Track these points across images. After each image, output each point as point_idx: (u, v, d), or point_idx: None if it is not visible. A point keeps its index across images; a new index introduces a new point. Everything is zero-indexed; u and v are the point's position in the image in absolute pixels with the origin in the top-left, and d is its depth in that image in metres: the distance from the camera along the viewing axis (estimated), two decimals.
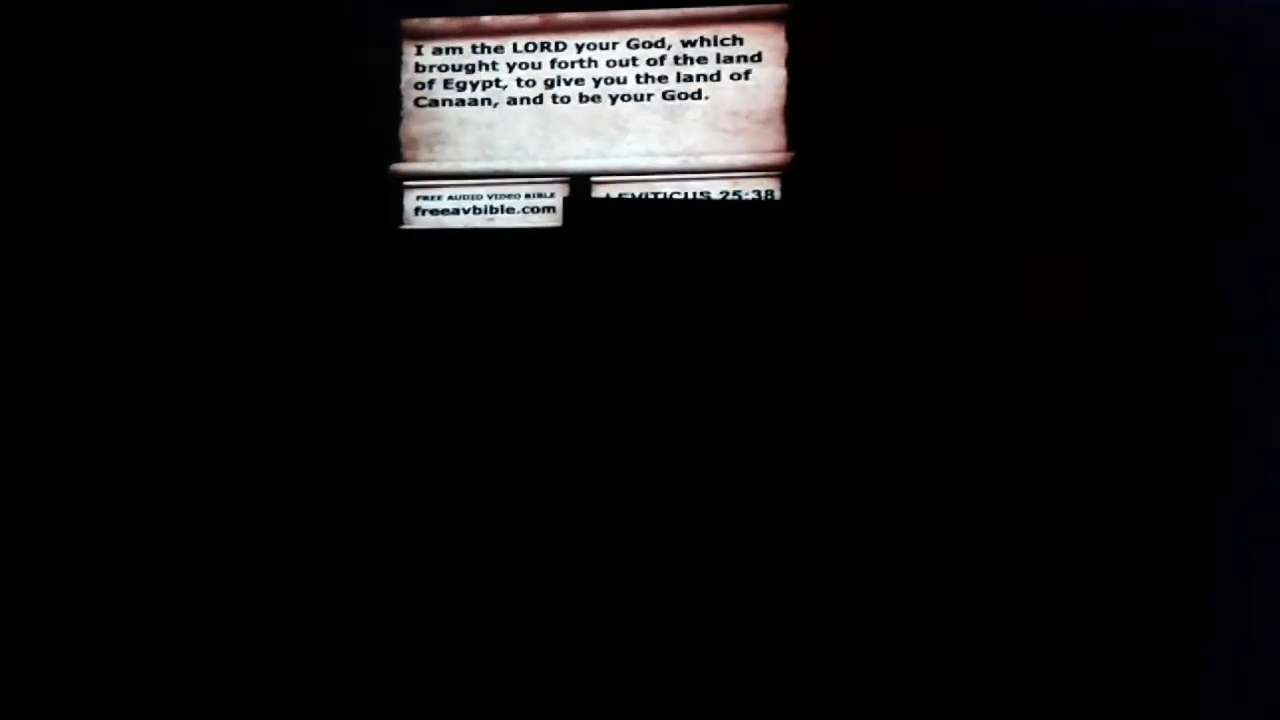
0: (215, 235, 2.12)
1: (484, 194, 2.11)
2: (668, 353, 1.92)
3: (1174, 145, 1.92)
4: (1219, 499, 1.86)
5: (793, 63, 2.02)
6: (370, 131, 2.13)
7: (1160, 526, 1.86)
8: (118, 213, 2.13)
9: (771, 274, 1.91)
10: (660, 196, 2.05)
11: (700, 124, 2.06)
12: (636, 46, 2.08)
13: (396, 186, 2.13)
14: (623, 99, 2.09)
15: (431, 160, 2.13)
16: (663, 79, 2.07)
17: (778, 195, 2.01)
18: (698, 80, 2.06)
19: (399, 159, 2.14)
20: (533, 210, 2.09)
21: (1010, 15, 1.96)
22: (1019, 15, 1.96)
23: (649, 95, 2.08)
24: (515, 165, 2.11)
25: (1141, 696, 1.84)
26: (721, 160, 2.04)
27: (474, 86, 2.13)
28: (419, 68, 2.14)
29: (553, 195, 2.09)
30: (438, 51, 2.13)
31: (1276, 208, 1.89)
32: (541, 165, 2.10)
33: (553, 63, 2.11)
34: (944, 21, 1.97)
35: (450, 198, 2.12)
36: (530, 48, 2.11)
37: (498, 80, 2.12)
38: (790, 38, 2.03)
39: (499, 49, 2.12)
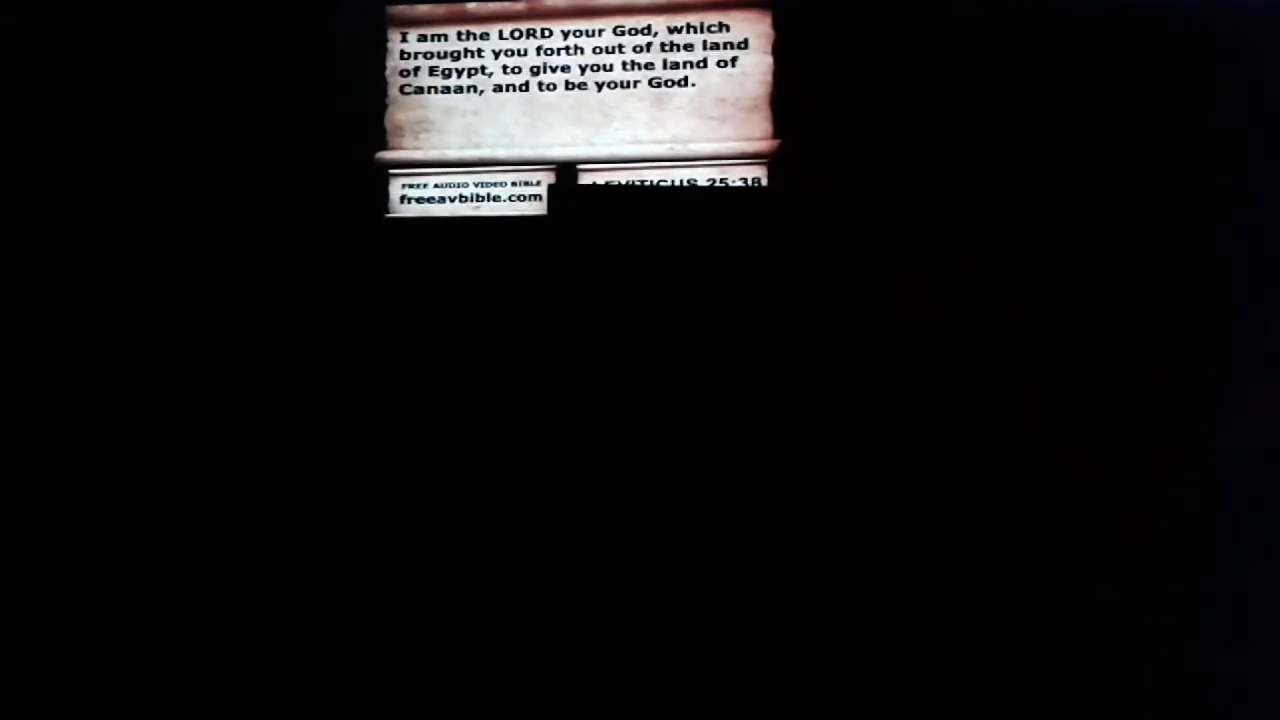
0: (197, 223, 2.10)
1: (470, 182, 2.10)
2: (654, 339, 1.91)
3: (1171, 143, 1.91)
4: (1216, 499, 1.84)
5: (779, 50, 2.01)
6: (355, 119, 2.12)
7: (1156, 527, 1.85)
8: (95, 201, 2.11)
9: (758, 261, 1.90)
10: (646, 184, 2.04)
11: (687, 111, 2.05)
12: (623, 33, 2.07)
13: (382, 174, 2.11)
14: (609, 86, 2.07)
15: (417, 148, 2.12)
16: (649, 66, 2.06)
17: (764, 183, 2.00)
18: (684, 67, 2.05)
19: (384, 147, 2.12)
20: (519, 198, 2.08)
21: (1004, 5, 1.95)
22: (1013, 5, 1.95)
23: (635, 82, 2.06)
24: (501, 153, 2.09)
25: (1137, 698, 1.82)
26: (708, 148, 2.03)
27: (460, 74, 2.11)
28: (404, 55, 2.13)
29: (539, 183, 2.08)
30: (423, 39, 2.12)
31: (1276, 207, 1.88)
32: (527, 153, 2.08)
33: (539, 50, 2.10)
34: (933, 10, 1.96)
35: (436, 186, 2.11)
36: (516, 35, 2.10)
37: (484, 68, 2.11)
38: (777, 25, 2.02)
39: (485, 36, 2.11)
